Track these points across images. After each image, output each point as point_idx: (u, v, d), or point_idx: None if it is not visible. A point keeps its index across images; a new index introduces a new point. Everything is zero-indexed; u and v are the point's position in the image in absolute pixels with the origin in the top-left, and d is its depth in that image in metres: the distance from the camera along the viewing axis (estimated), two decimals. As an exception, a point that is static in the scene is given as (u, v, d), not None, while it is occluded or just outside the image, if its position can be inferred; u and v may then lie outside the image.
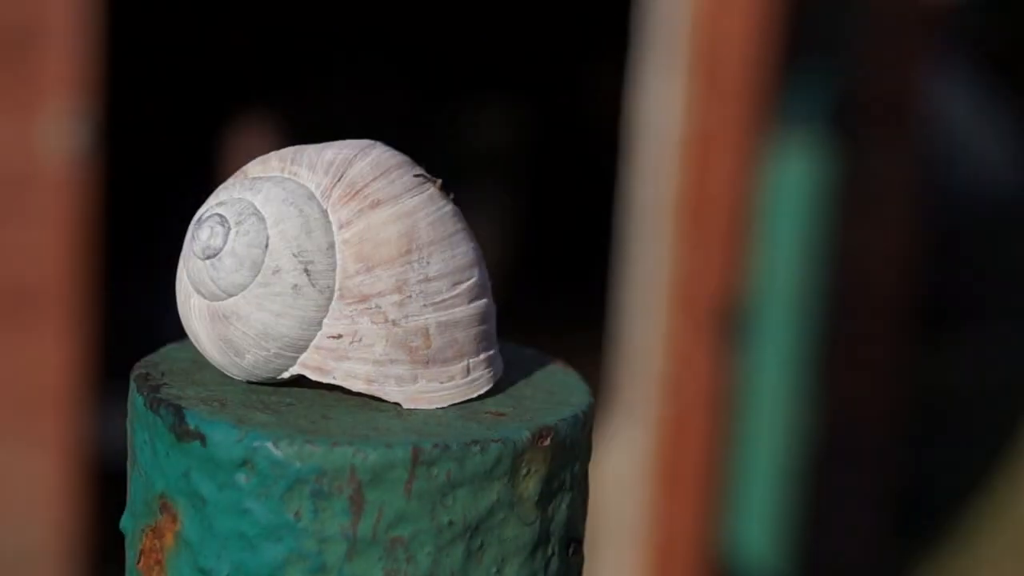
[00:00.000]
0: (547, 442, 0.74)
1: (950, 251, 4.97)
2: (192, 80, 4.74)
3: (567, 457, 0.75)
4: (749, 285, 3.15)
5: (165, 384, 0.75)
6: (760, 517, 3.25)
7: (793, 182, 3.23)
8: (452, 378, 0.76)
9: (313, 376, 0.75)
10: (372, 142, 0.78)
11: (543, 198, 5.54)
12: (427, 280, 0.75)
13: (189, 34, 4.87)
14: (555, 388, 0.80)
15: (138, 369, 0.77)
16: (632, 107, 3.41)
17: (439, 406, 0.76)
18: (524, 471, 0.73)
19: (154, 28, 4.66)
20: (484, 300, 0.78)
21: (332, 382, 0.74)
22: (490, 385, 0.77)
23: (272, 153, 0.77)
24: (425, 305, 0.75)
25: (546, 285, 5.44)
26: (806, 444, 3.42)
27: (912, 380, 3.90)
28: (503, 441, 0.72)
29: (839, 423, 3.67)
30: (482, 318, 0.77)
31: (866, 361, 3.67)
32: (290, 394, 0.76)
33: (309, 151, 0.77)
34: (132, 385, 0.75)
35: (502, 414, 0.75)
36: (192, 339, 0.77)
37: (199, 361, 0.78)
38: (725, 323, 3.13)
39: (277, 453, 0.70)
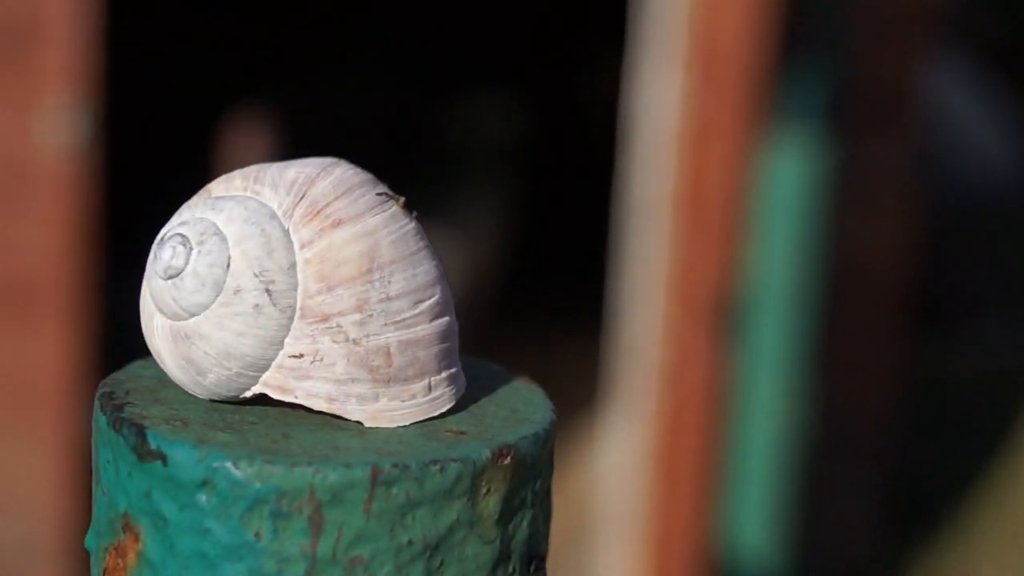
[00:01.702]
0: (507, 460, 0.74)
1: (948, 244, 4.97)
2: (190, 74, 4.75)
3: (528, 475, 0.76)
4: (746, 278, 3.15)
5: (129, 403, 0.76)
6: (757, 510, 3.25)
7: (790, 176, 3.23)
8: (414, 396, 0.76)
9: (275, 395, 0.75)
10: (336, 160, 0.78)
11: (542, 191, 5.55)
12: (388, 299, 0.75)
13: (187, 28, 4.88)
14: (518, 405, 0.80)
15: (103, 387, 0.78)
16: (629, 101, 3.41)
17: (401, 424, 0.76)
18: (484, 490, 0.74)
19: (152, 22, 4.66)
20: (446, 318, 0.78)
21: (294, 401, 0.75)
22: (452, 403, 0.78)
23: (236, 171, 0.78)
24: (386, 324, 0.75)
25: (545, 278, 5.45)
26: (804, 438, 3.43)
27: (910, 373, 3.90)
28: (462, 460, 0.72)
29: (836, 417, 3.67)
30: (444, 336, 0.78)
31: (863, 354, 3.68)
32: (253, 412, 0.76)
33: (272, 169, 0.77)
34: (96, 404, 0.76)
35: (463, 432, 0.76)
36: (156, 358, 0.77)
37: (164, 379, 0.79)
38: (722, 316, 3.13)
39: (237, 473, 0.70)
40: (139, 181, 3.60)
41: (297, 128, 4.73)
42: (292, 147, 4.55)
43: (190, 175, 3.44)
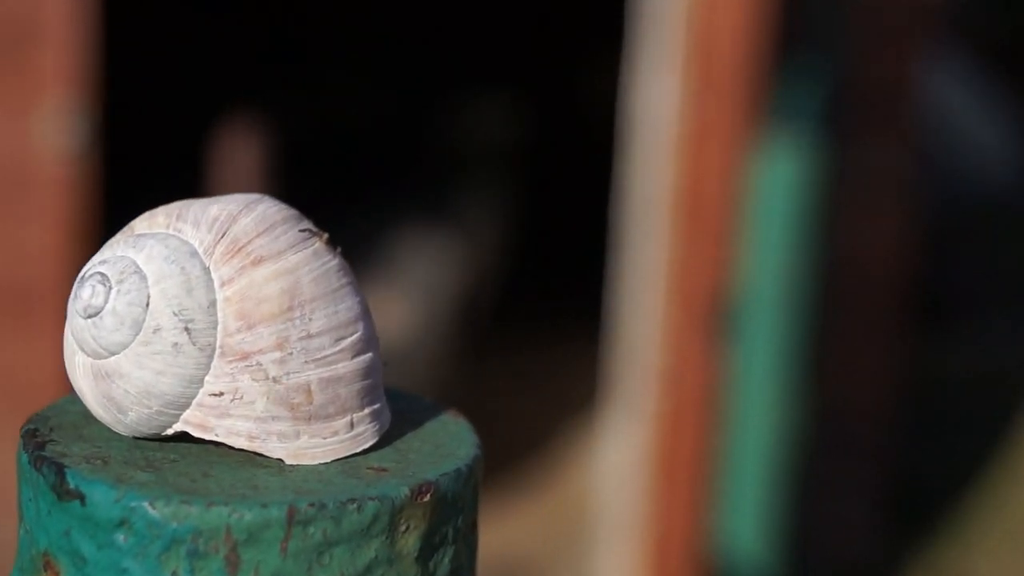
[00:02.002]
0: (427, 498, 0.74)
1: (948, 244, 4.96)
2: (188, 76, 4.75)
3: (449, 512, 0.76)
4: (745, 279, 3.15)
5: (52, 440, 0.76)
6: (756, 511, 3.25)
7: (788, 177, 3.22)
8: (335, 433, 0.76)
9: (196, 433, 0.75)
10: (260, 196, 0.78)
11: (541, 193, 5.54)
12: (309, 336, 0.75)
13: (184, 31, 4.88)
14: (443, 440, 0.80)
15: (28, 424, 0.78)
16: (628, 103, 3.41)
17: (322, 461, 0.76)
18: (403, 527, 0.74)
19: (150, 25, 4.67)
20: (369, 354, 0.78)
21: (215, 439, 0.75)
22: (375, 439, 0.78)
23: (160, 208, 0.78)
24: (307, 362, 0.75)
25: (544, 279, 5.45)
26: (802, 438, 3.42)
27: (909, 373, 3.90)
28: (380, 499, 0.73)
29: (835, 417, 3.66)
30: (366, 373, 0.78)
31: (863, 354, 3.67)
32: (176, 450, 0.76)
33: (196, 207, 0.77)
34: (20, 442, 0.76)
35: (384, 469, 0.76)
36: (79, 395, 0.77)
37: (89, 415, 0.79)
38: (721, 318, 3.13)
39: (154, 513, 0.71)
40: (137, 184, 3.61)
41: (294, 131, 4.74)
42: (288, 149, 4.56)
43: (187, 177, 3.46)
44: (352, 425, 0.77)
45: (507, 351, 4.95)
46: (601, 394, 4.15)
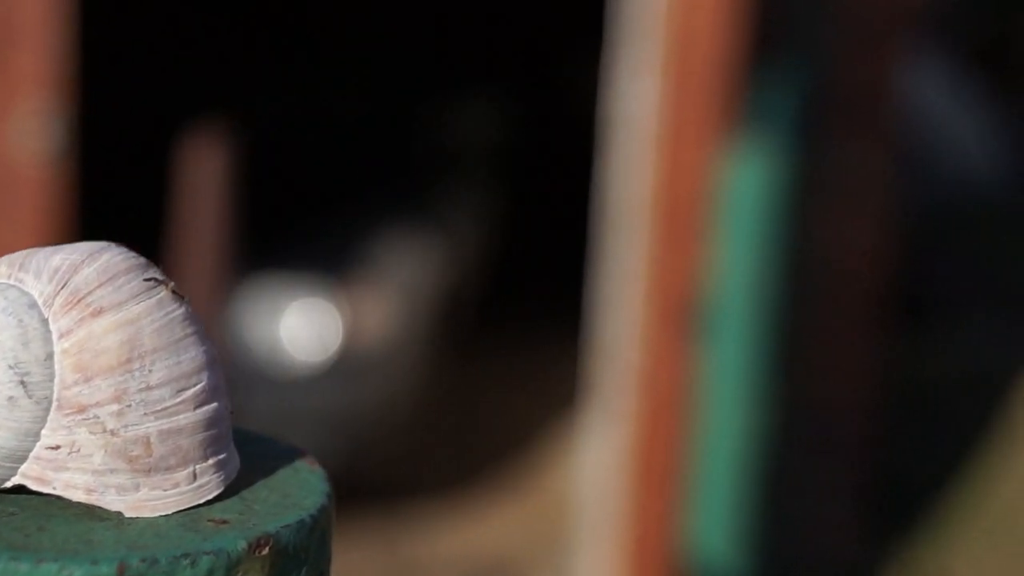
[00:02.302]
0: (265, 551, 0.74)
1: (929, 244, 4.95)
2: (165, 79, 4.75)
3: (290, 564, 0.75)
4: (721, 280, 3.14)
5: None
6: (733, 510, 3.24)
7: (764, 177, 3.21)
8: (176, 485, 0.76)
9: (33, 486, 0.75)
10: (106, 245, 0.78)
11: (524, 193, 5.53)
12: (148, 388, 0.75)
13: (165, 31, 4.88)
14: (291, 489, 0.79)
15: None
16: (608, 104, 3.40)
17: (163, 513, 0.75)
18: (242, 581, 0.73)
19: (128, 28, 4.66)
20: (214, 404, 0.77)
21: (52, 492, 0.75)
22: (220, 489, 0.77)
23: (4, 257, 0.77)
24: (146, 414, 0.75)
25: (527, 280, 5.44)
26: (780, 438, 3.41)
27: (889, 373, 3.89)
28: (216, 553, 0.72)
29: (813, 417, 3.65)
30: (210, 423, 0.77)
31: (840, 354, 3.66)
32: (15, 502, 0.76)
33: (39, 256, 0.77)
34: None
35: (225, 521, 0.75)
36: (-80, 446, 0.77)
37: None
38: (697, 318, 3.12)
39: (-17, 569, 0.70)
40: (112, 186, 3.61)
41: (275, 132, 4.73)
42: (268, 151, 4.55)
43: (160, 181, 3.46)
44: (195, 476, 0.76)
45: (490, 351, 4.94)
46: (581, 394, 4.15)
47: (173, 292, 0.77)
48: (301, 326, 4.03)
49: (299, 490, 0.79)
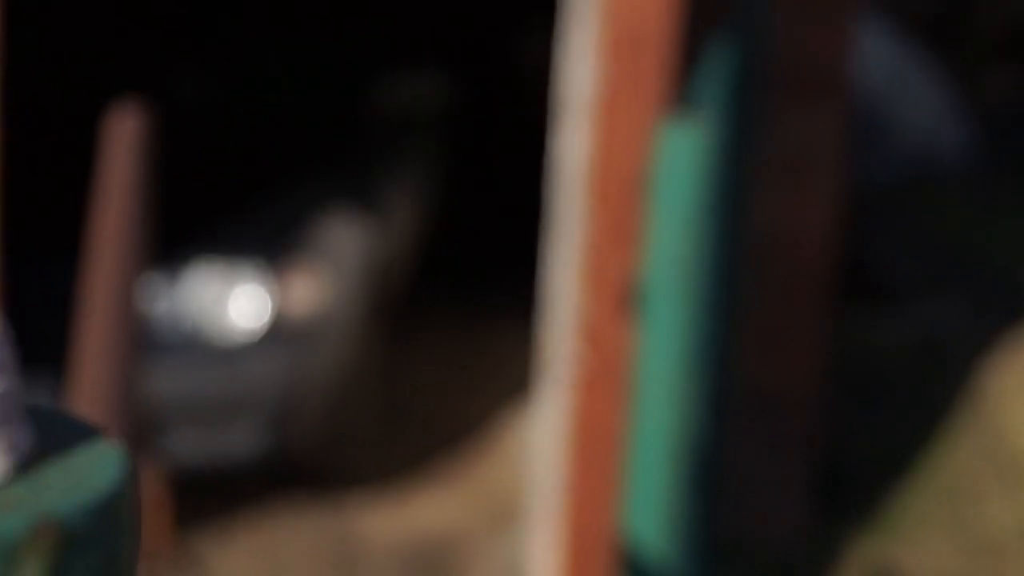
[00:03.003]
0: (50, 534, 0.69)
1: (876, 219, 4.93)
2: (87, 58, 4.69)
3: (80, 547, 0.71)
4: (654, 257, 3.11)
5: None
6: (667, 492, 3.21)
7: (703, 152, 3.17)
8: (-44, 466, 0.71)
9: None
10: None
11: (465, 170, 5.48)
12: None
13: (76, 14, 4.82)
14: (87, 469, 0.75)
15: None
16: (558, 78, 3.37)
17: (-57, 497, 0.71)
18: (24, 567, 0.69)
19: (44, 13, 4.61)
20: (-1, 383, 0.73)
21: None
22: (4, 469, 0.73)
23: None
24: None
25: (469, 258, 5.40)
26: (716, 419, 3.38)
27: (835, 351, 3.85)
28: (-7, 536, 0.68)
29: (754, 399, 3.63)
30: (-6, 402, 0.73)
31: (786, 332, 3.63)
32: None
33: None
34: None
35: (7, 505, 0.71)
36: None
37: None
38: (637, 297, 3.09)
39: None
40: (32, 173, 3.55)
41: (208, 109, 4.67)
42: (200, 128, 4.49)
43: (84, 168, 3.40)
44: (-24, 457, 0.72)
45: (429, 329, 4.90)
46: (528, 375, 4.11)
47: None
48: (233, 301, 3.99)
49: (94, 470, 0.75)
